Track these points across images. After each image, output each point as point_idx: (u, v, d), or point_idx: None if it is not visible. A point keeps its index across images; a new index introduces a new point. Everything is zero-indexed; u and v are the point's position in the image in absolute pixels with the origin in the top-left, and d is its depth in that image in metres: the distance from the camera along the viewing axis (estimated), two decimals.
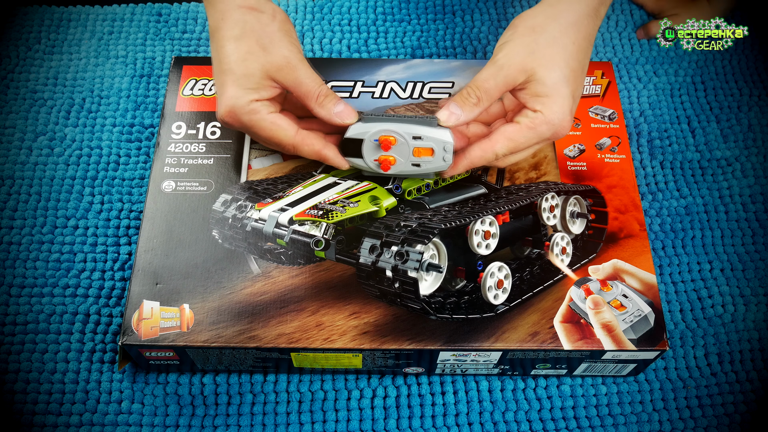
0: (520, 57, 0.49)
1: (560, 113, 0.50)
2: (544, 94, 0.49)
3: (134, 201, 0.66)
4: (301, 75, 0.50)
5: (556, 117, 0.50)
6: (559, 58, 0.49)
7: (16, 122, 0.71)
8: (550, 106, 0.49)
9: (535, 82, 0.49)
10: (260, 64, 0.49)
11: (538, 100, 0.50)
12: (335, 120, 0.52)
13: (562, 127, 0.50)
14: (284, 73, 0.50)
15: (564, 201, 0.62)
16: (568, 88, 0.50)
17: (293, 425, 0.56)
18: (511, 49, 0.49)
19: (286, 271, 0.55)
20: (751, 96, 0.76)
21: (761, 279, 0.64)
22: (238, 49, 0.49)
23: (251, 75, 0.49)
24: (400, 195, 0.57)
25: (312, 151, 0.52)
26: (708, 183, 0.70)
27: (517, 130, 0.50)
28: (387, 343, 0.52)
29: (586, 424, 0.56)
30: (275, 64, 0.50)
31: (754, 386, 0.59)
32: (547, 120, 0.50)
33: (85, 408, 0.56)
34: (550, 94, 0.49)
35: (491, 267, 0.55)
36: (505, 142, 0.51)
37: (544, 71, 0.49)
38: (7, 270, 0.62)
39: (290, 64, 0.50)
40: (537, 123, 0.50)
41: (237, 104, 0.50)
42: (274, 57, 0.49)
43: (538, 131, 0.50)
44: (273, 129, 0.51)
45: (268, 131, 0.51)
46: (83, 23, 0.79)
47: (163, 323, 0.52)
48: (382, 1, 0.82)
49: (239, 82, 0.50)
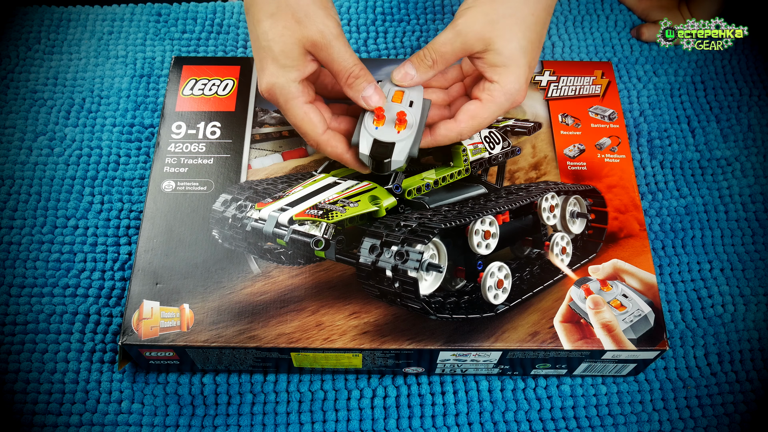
0: (479, 25, 0.50)
1: (516, 83, 0.51)
2: (501, 64, 0.50)
3: (134, 201, 0.66)
4: (333, 52, 0.50)
5: (513, 86, 0.51)
6: (518, 29, 0.50)
7: (16, 122, 0.71)
8: (507, 77, 0.51)
9: (492, 52, 0.50)
10: (297, 39, 0.49)
11: (495, 70, 0.51)
12: (361, 103, 0.52)
13: (519, 96, 0.52)
14: (318, 49, 0.50)
15: (564, 201, 0.62)
16: (525, 59, 0.51)
17: (293, 425, 0.56)
18: (471, 17, 0.50)
19: (286, 271, 0.55)
20: (751, 96, 0.76)
21: (761, 279, 0.64)
22: (274, 26, 0.49)
23: (288, 51, 0.49)
24: (400, 195, 0.57)
25: (334, 153, 0.53)
26: (708, 183, 0.70)
27: (479, 106, 0.52)
28: (387, 343, 0.52)
29: (586, 424, 0.56)
30: (310, 39, 0.49)
31: (754, 386, 0.59)
32: (504, 90, 0.51)
33: (85, 408, 0.56)
34: (507, 64, 0.50)
35: (491, 267, 0.55)
36: (470, 121, 0.52)
37: (502, 42, 0.50)
38: (7, 270, 0.62)
39: (324, 39, 0.49)
40: (495, 95, 0.51)
41: (277, 83, 0.50)
42: (309, 31, 0.49)
43: (497, 102, 0.52)
44: (304, 120, 0.51)
45: (299, 120, 0.52)
46: (83, 23, 0.79)
47: (163, 323, 0.52)
48: (381, 1, 0.82)
49: (278, 61, 0.50)
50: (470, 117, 0.52)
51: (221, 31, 0.79)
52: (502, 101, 0.52)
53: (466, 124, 0.52)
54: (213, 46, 0.78)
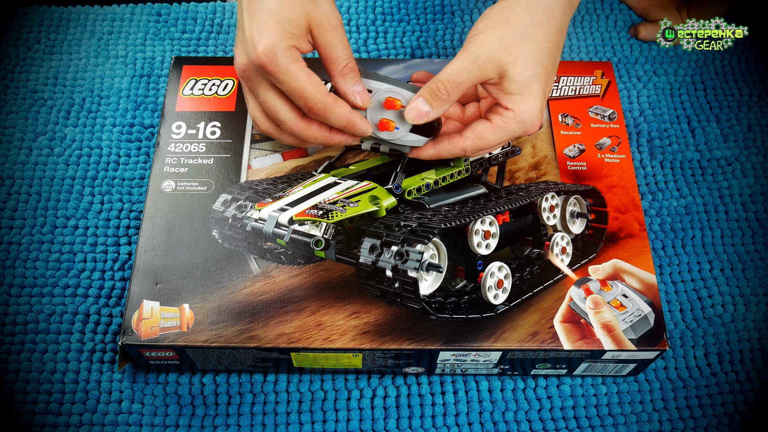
0: (494, 51, 0.48)
1: (532, 112, 0.50)
2: (516, 92, 0.49)
3: (134, 201, 0.66)
4: (336, 38, 0.49)
5: (528, 116, 0.50)
6: (533, 54, 0.49)
7: (16, 122, 0.71)
8: (522, 105, 0.49)
9: (507, 79, 0.49)
10: (304, 12, 0.47)
11: (510, 98, 0.49)
12: (349, 96, 0.50)
13: (533, 126, 0.51)
14: (322, 31, 0.48)
15: (564, 201, 0.62)
16: (540, 86, 0.49)
17: (293, 425, 0.56)
18: (485, 42, 0.49)
19: (286, 271, 0.55)
20: (751, 96, 0.76)
21: (761, 279, 0.64)
22: None
23: (295, 21, 0.47)
24: (400, 195, 0.57)
25: (342, 114, 0.49)
26: (708, 183, 0.70)
27: (488, 128, 0.51)
28: (387, 343, 0.52)
29: (586, 424, 0.56)
30: (317, 18, 0.48)
31: (754, 386, 0.59)
32: (518, 119, 0.50)
33: (85, 408, 0.56)
34: (522, 92, 0.49)
35: (491, 267, 0.55)
36: (475, 140, 0.51)
37: (517, 68, 0.48)
38: (7, 270, 0.62)
39: (331, 23, 0.48)
40: (508, 122, 0.50)
41: (280, 45, 0.47)
42: (318, 11, 0.48)
43: (509, 129, 0.50)
44: (308, 81, 0.48)
45: (304, 82, 0.48)
46: (83, 23, 0.79)
47: (163, 323, 0.52)
48: (381, 1, 0.82)
49: (282, 25, 0.47)
50: (476, 137, 0.51)
51: (221, 31, 0.79)
52: (513, 129, 0.50)
53: (471, 143, 0.51)
54: (213, 46, 0.78)
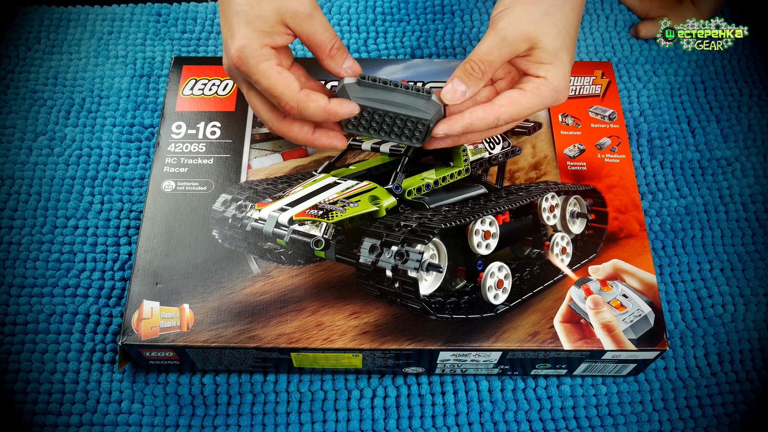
0: (524, 26, 0.48)
1: (564, 80, 0.50)
2: (547, 61, 0.49)
3: (134, 201, 0.66)
4: (315, 24, 0.48)
5: (560, 84, 0.50)
6: (561, 25, 0.49)
7: (16, 122, 0.71)
8: (554, 73, 0.50)
9: (539, 50, 0.49)
10: (275, 7, 0.47)
11: (541, 66, 0.50)
12: (343, 75, 0.50)
13: (563, 95, 0.51)
14: (299, 20, 0.48)
15: (564, 201, 0.62)
16: (568, 56, 0.50)
17: (293, 425, 0.56)
18: (514, 18, 0.49)
19: (286, 271, 0.55)
20: (751, 96, 0.76)
21: (761, 279, 0.64)
22: None
23: (265, 17, 0.47)
24: (400, 195, 0.57)
25: (318, 108, 0.48)
26: (708, 183, 0.70)
27: (522, 95, 0.50)
28: (387, 343, 0.52)
29: (586, 424, 0.56)
30: (290, 9, 0.47)
31: (754, 386, 0.59)
32: (551, 86, 0.50)
33: (85, 408, 0.56)
34: (553, 62, 0.49)
35: (491, 267, 0.55)
36: (510, 106, 0.49)
37: (548, 39, 0.49)
38: (7, 270, 0.62)
39: (306, 10, 0.48)
40: (542, 89, 0.50)
41: (249, 45, 0.47)
42: (289, 1, 0.47)
43: (543, 97, 0.50)
44: (278, 80, 0.47)
45: (273, 81, 0.47)
46: (83, 23, 0.79)
47: (163, 323, 0.52)
48: (381, 1, 0.82)
49: (252, 24, 0.47)
50: (511, 102, 0.49)
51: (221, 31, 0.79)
52: (546, 96, 0.50)
53: (506, 109, 0.49)
54: (213, 46, 0.78)
